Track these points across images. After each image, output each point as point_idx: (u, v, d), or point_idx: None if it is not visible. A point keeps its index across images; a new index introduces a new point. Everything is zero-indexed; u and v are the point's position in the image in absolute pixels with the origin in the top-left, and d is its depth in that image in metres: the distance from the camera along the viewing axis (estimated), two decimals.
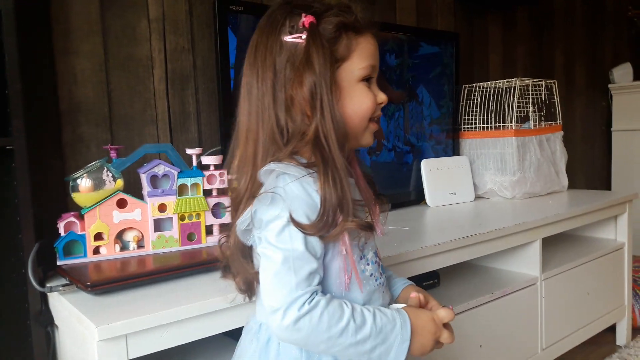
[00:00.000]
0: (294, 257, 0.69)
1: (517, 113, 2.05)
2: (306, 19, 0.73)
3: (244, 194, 0.76)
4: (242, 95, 0.78)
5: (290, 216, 0.69)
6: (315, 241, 0.71)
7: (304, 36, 0.73)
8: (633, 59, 3.31)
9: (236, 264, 0.81)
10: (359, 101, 0.77)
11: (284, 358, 0.76)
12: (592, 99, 3.20)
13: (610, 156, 3.26)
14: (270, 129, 0.74)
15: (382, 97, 0.79)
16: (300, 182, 0.71)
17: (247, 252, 0.80)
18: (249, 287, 0.82)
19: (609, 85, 3.21)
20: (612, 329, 2.09)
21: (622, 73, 3.19)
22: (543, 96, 2.18)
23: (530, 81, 2.12)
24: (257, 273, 0.76)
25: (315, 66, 0.72)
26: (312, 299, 0.69)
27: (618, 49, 3.36)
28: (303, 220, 0.70)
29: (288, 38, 0.74)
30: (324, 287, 0.73)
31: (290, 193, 0.71)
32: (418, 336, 0.74)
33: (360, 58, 0.76)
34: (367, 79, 0.78)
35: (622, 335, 2.11)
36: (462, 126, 2.18)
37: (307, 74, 0.72)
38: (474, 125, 2.16)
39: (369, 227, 0.76)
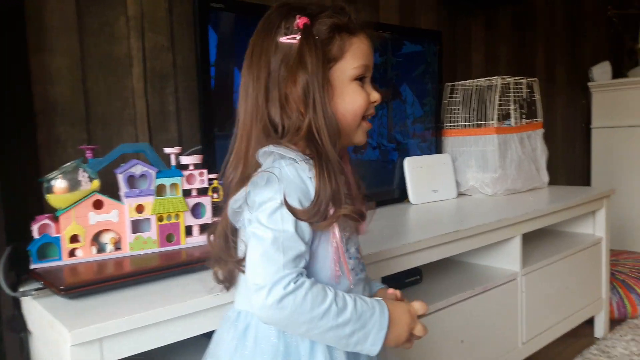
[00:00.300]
0: (283, 238, 0.71)
1: (498, 111, 2.07)
2: (300, 20, 0.76)
3: (234, 185, 0.79)
4: (240, 96, 0.81)
5: (284, 199, 0.71)
6: (305, 226, 0.72)
7: (298, 37, 0.76)
8: (612, 57, 3.35)
9: (219, 251, 0.82)
10: (352, 99, 0.79)
11: (262, 345, 0.76)
12: (572, 97, 3.24)
13: (590, 153, 3.30)
14: (264, 125, 0.77)
15: (376, 96, 0.82)
16: (296, 168, 0.74)
17: (230, 239, 0.82)
18: (230, 276, 0.84)
19: (589, 84, 3.25)
20: (590, 322, 2.13)
21: (601, 71, 3.23)
22: (524, 94, 2.20)
23: (511, 79, 2.13)
24: (239, 261, 0.78)
25: (307, 65, 0.75)
26: (298, 280, 0.70)
27: (597, 48, 3.40)
28: (296, 204, 0.72)
29: (283, 39, 0.77)
30: (311, 276, 0.74)
31: (286, 176, 0.73)
32: (395, 326, 0.76)
33: (353, 58, 0.79)
34: (360, 79, 0.80)
35: (600, 327, 2.14)
36: (445, 124, 2.19)
37: (300, 73, 0.75)
38: (456, 123, 2.17)
39: (362, 217, 0.78)
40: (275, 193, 0.72)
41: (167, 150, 1.21)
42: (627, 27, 3.39)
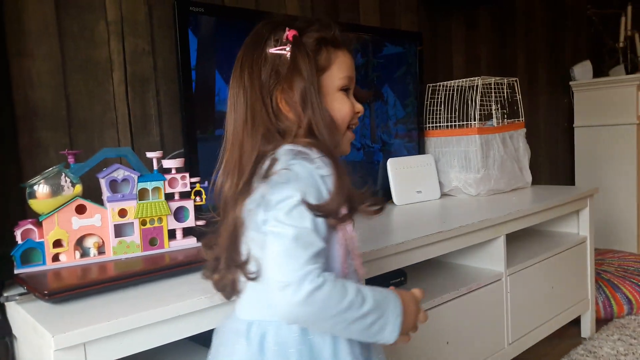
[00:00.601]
0: (304, 234, 0.71)
1: (480, 111, 2.08)
2: (290, 32, 0.80)
3: (231, 195, 0.80)
4: (229, 107, 0.84)
5: (303, 197, 0.72)
6: (321, 223, 0.73)
7: (287, 48, 0.79)
8: (592, 56, 3.39)
9: (225, 257, 0.82)
10: (339, 108, 0.83)
11: (285, 351, 0.76)
12: (554, 96, 3.27)
13: (573, 152, 3.33)
14: (263, 131, 0.79)
15: (359, 107, 0.86)
16: (313, 165, 0.75)
17: (237, 244, 0.81)
18: (232, 283, 0.83)
19: (570, 83, 3.29)
20: (576, 322, 2.14)
21: (582, 70, 3.26)
22: (506, 94, 2.22)
23: (492, 79, 2.15)
24: (243, 264, 0.79)
25: (303, 71, 0.79)
26: (322, 274, 0.70)
27: (578, 47, 3.44)
28: (313, 201, 0.73)
29: (273, 50, 0.80)
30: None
31: (304, 174, 0.74)
32: (406, 313, 0.77)
33: (339, 69, 0.83)
34: (345, 90, 0.84)
35: (587, 327, 2.15)
36: (427, 125, 2.21)
37: (297, 78, 0.78)
38: (438, 124, 2.18)
39: (377, 211, 0.81)
40: (294, 190, 0.72)
41: (149, 154, 1.21)
42: (606, 26, 3.44)
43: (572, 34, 3.41)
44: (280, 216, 0.72)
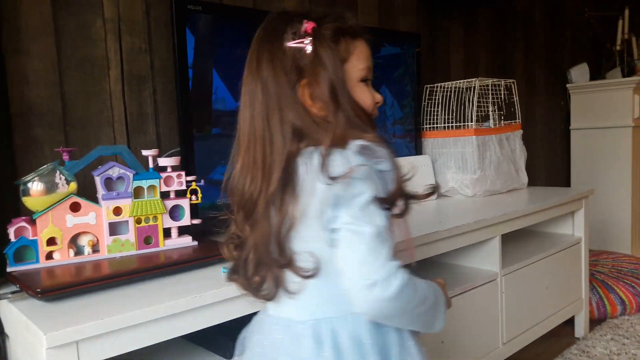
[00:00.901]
0: (382, 231, 0.72)
1: (477, 112, 2.09)
2: (308, 25, 0.77)
3: (259, 195, 0.77)
4: (243, 103, 0.81)
5: (376, 193, 0.72)
6: (387, 217, 0.74)
7: (306, 41, 0.76)
8: (590, 59, 3.40)
9: (261, 257, 0.79)
10: (362, 99, 0.81)
11: (362, 348, 0.76)
12: (551, 98, 3.28)
13: (569, 154, 3.34)
14: (292, 127, 0.76)
15: (379, 97, 0.84)
16: (378, 160, 0.74)
17: (283, 243, 0.77)
18: (277, 283, 0.79)
19: (567, 85, 3.30)
20: (570, 322, 2.15)
21: (579, 73, 3.27)
22: (503, 96, 2.22)
23: (490, 81, 2.15)
24: (293, 262, 0.76)
25: (328, 65, 0.76)
26: (401, 269, 0.72)
27: (576, 50, 3.45)
28: (383, 197, 0.73)
29: (291, 43, 0.77)
30: None
31: (372, 170, 0.74)
32: (444, 303, 0.82)
33: (358, 60, 0.81)
34: (364, 80, 0.82)
35: (581, 327, 2.16)
36: (424, 126, 2.21)
37: (322, 72, 0.76)
38: (435, 125, 2.18)
39: (432, 193, 0.87)
40: (367, 187, 0.72)
41: (145, 153, 1.21)
42: (604, 29, 3.45)
43: (570, 37, 3.41)
44: (357, 213, 0.72)
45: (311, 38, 0.76)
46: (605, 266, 2.54)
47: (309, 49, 0.76)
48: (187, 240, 1.24)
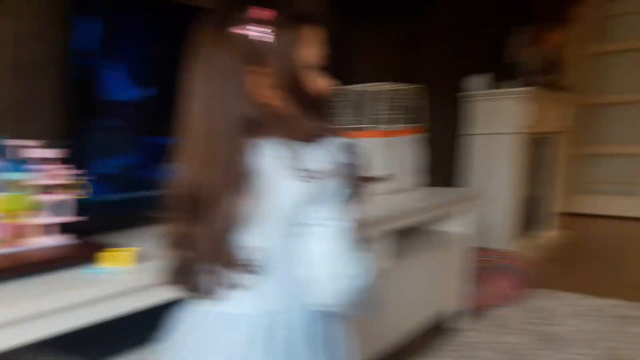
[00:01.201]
0: (349, 224, 0.74)
1: (385, 115, 2.13)
2: (257, 11, 0.73)
3: (204, 190, 0.73)
4: (188, 94, 0.76)
5: (342, 186, 0.74)
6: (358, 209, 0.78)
7: (255, 27, 0.73)
8: (487, 69, 3.59)
9: (213, 254, 0.75)
10: (318, 86, 0.79)
11: (333, 333, 0.81)
12: (452, 105, 3.46)
13: (468, 158, 3.55)
14: (244, 118, 0.73)
15: (333, 82, 0.83)
16: (355, 157, 0.76)
17: (234, 239, 0.75)
18: (222, 280, 0.76)
19: (467, 93, 3.51)
20: (453, 315, 2.29)
21: (477, 82, 3.50)
22: (410, 100, 2.29)
23: (399, 86, 2.22)
24: (245, 259, 0.74)
25: (279, 51, 0.73)
26: (367, 258, 0.77)
27: (476, 60, 3.63)
28: (348, 189, 0.75)
29: (239, 30, 0.73)
30: None
31: (348, 168, 0.74)
32: None
33: (312, 46, 0.78)
34: (318, 66, 0.80)
35: (462, 320, 2.32)
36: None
37: (274, 60, 0.73)
38: (347, 127, 2.20)
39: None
40: (344, 184, 0.73)
41: (18, 144, 1.10)
42: (506, 42, 3.68)
43: (472, 48, 3.58)
44: (334, 209, 0.73)
45: (260, 24, 0.73)
46: (488, 262, 2.76)
47: (257, 35, 0.73)
48: (67, 238, 1.14)
